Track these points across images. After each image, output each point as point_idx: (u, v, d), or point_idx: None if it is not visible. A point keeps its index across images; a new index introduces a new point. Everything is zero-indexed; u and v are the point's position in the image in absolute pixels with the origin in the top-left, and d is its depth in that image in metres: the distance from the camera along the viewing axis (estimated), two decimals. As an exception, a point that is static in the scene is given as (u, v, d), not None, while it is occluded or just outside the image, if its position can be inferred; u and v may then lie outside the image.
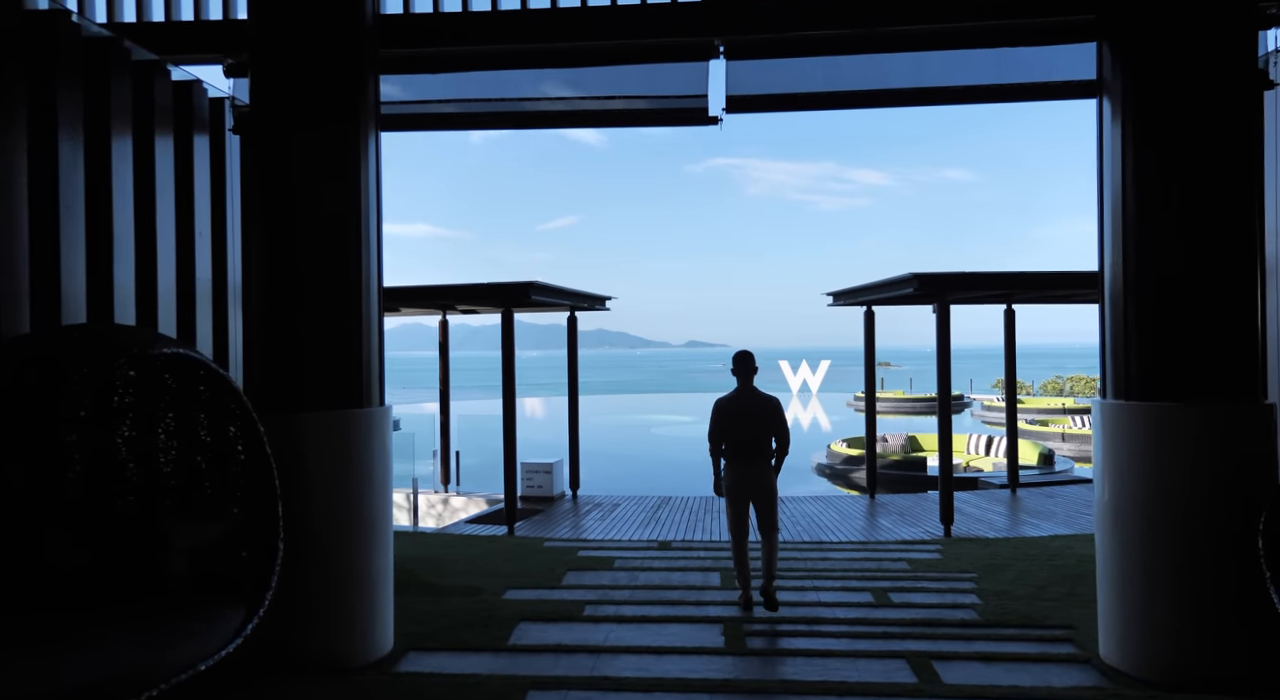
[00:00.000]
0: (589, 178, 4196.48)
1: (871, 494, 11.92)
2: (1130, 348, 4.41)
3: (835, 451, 16.74)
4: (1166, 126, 4.29)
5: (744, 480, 6.03)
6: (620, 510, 11.21)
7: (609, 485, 16.08)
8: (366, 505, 4.81)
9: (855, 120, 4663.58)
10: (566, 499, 12.15)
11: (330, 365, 4.76)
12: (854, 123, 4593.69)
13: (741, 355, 6.19)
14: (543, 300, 9.71)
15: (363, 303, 4.84)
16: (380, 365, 5.07)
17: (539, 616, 5.88)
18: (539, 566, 7.76)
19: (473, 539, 9.44)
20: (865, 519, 10.41)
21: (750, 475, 6.01)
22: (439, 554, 8.50)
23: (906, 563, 7.78)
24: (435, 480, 12.71)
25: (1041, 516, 10.22)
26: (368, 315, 4.89)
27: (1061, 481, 12.86)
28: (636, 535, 9.54)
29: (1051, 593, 6.44)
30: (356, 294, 4.81)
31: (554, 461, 12.03)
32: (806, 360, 51.43)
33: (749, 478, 6.02)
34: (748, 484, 6.03)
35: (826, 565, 7.69)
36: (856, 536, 9.29)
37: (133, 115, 5.01)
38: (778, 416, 6.02)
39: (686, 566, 7.76)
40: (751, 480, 6.01)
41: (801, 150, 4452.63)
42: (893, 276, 9.27)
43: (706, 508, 11.17)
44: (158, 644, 3.47)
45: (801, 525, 9.95)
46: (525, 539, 9.38)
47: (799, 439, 25.19)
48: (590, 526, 10.19)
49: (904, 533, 9.43)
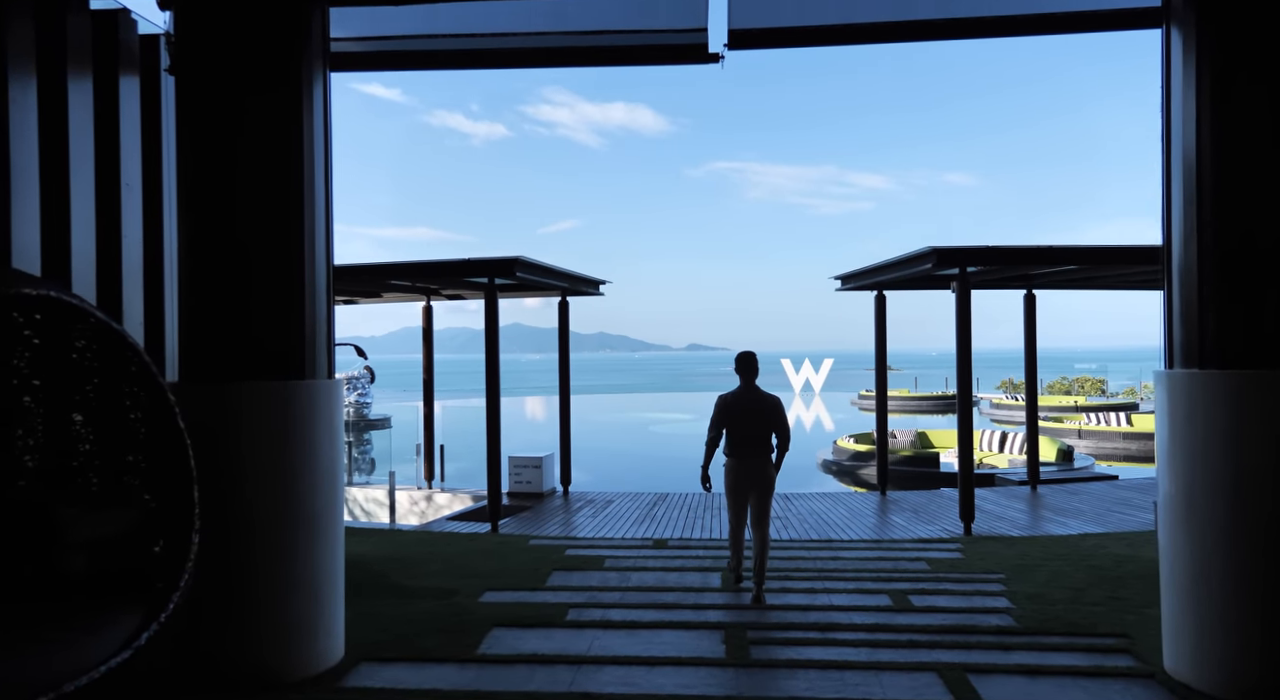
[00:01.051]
0: (588, 180, 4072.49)
1: (882, 490, 11.27)
2: (1213, 306, 3.75)
3: (842, 447, 16.08)
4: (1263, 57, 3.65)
5: (745, 475, 6.19)
6: (614, 507, 10.56)
7: (603, 481, 15.45)
8: (309, 492, 4.16)
9: (856, 121, 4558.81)
10: (557, 495, 11.50)
11: (269, 326, 4.12)
12: (855, 123, 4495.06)
13: (744, 355, 6.42)
14: (529, 279, 9.05)
15: (306, 255, 4.19)
16: (329, 333, 4.43)
17: (516, 621, 5.24)
18: (522, 566, 7.11)
19: (453, 537, 8.79)
20: (877, 516, 9.76)
21: (752, 470, 6.19)
22: (414, 553, 7.86)
23: (925, 563, 7.14)
24: (419, 476, 12.07)
25: (1067, 514, 9.56)
26: (313, 271, 4.25)
27: (1083, 478, 12.19)
28: (630, 533, 8.89)
29: (1092, 596, 5.79)
30: (299, 245, 4.17)
31: (544, 456, 11.38)
32: (809, 360, 50.82)
33: (750, 473, 6.18)
34: (749, 479, 6.19)
35: (838, 566, 7.04)
36: (869, 535, 8.63)
37: (37, 51, 4.37)
38: (779, 415, 6.22)
39: (684, 566, 7.12)
40: (753, 475, 6.18)
41: (801, 154, 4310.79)
42: (908, 252, 8.62)
43: (705, 504, 10.52)
44: (26, 657, 2.82)
45: (809, 523, 9.29)
46: (509, 537, 8.73)
47: (803, 439, 24.49)
48: (581, 524, 9.54)
49: (920, 531, 8.77)
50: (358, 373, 28.31)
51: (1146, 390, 35.83)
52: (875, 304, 11.21)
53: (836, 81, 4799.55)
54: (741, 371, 6.37)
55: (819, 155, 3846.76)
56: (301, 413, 4.18)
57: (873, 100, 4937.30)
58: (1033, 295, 11.37)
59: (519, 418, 34.30)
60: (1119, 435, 18.31)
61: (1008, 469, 13.66)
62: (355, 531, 9.32)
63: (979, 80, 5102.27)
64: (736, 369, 6.42)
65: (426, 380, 12.50)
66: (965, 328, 8.50)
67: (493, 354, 8.96)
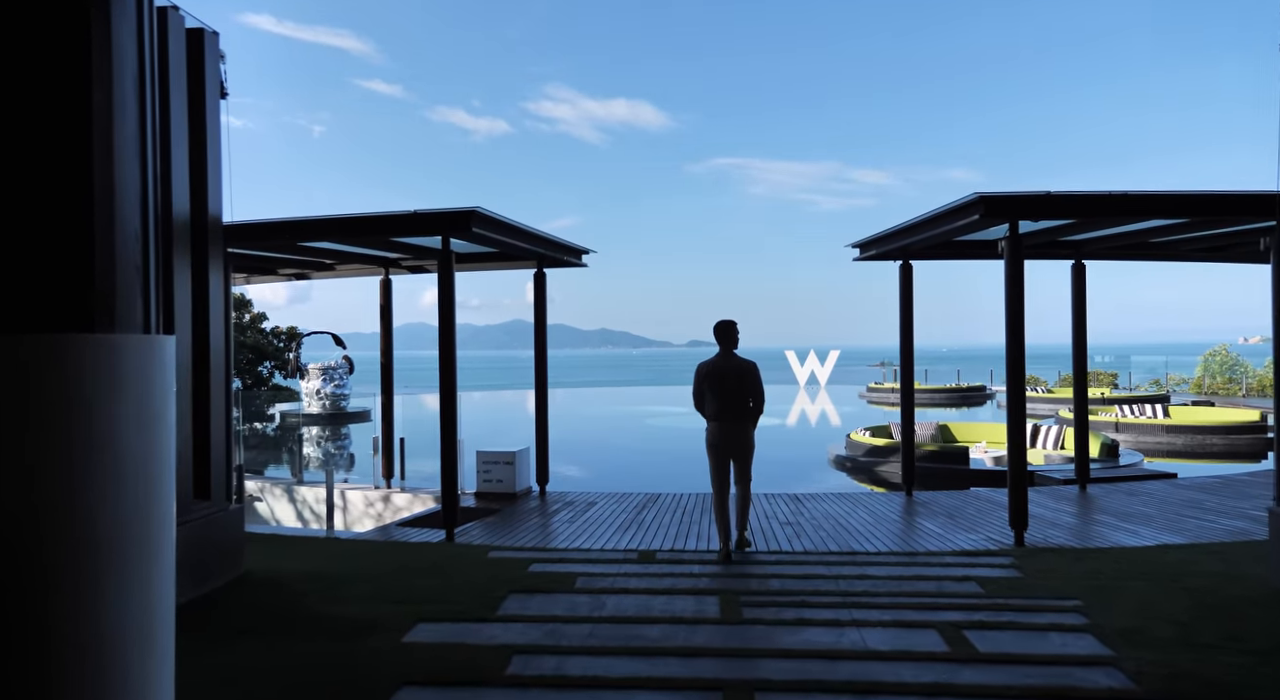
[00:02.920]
0: (589, 177, 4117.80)
1: (908, 490, 9.90)
2: None
3: (856, 441, 14.67)
4: None
5: (723, 438, 6.66)
6: (596, 510, 9.19)
7: (589, 478, 14.06)
8: (99, 500, 2.77)
9: (857, 120, 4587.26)
10: (533, 496, 10.14)
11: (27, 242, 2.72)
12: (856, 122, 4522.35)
13: (722, 323, 6.79)
14: (492, 237, 7.63)
15: (98, 180, 2.79)
16: (146, 277, 3.04)
17: (437, 676, 3.88)
18: (473, 587, 5.76)
19: (398, 547, 7.43)
20: (905, 522, 8.39)
21: (730, 432, 6.64)
22: (345, 568, 6.51)
23: (976, 583, 5.78)
24: (375, 474, 10.71)
25: (1133, 519, 8.19)
26: (113, 196, 2.85)
27: (1136, 476, 10.79)
28: (612, 543, 7.53)
29: (1205, 634, 4.44)
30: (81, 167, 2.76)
31: (517, 451, 10.02)
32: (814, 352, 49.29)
33: (727, 436, 6.65)
34: (727, 440, 6.66)
35: (867, 587, 5.68)
36: (899, 545, 7.27)
37: None
38: (754, 379, 6.66)
39: (674, 587, 5.77)
40: (731, 437, 6.64)
41: (803, 150, 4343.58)
42: (946, 205, 7.21)
43: (703, 507, 9.16)
44: None
45: (826, 530, 7.93)
46: (466, 548, 7.37)
47: (812, 433, 23.09)
48: (556, 530, 8.17)
49: (960, 540, 7.40)
50: (335, 363, 26.95)
51: (1173, 382, 34.40)
52: (900, 276, 9.82)
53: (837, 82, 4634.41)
54: (720, 339, 6.78)
55: (821, 151, 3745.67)
56: (88, 381, 2.79)
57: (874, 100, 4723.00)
58: (1082, 266, 9.98)
59: (517, 410, 32.94)
60: (1160, 428, 16.86)
61: (1047, 465, 12.27)
62: (284, 540, 7.97)
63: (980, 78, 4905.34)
64: (715, 336, 6.81)
65: (385, 365, 11.13)
66: (1017, 300, 7.09)
67: (447, 333, 7.58)
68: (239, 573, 6.26)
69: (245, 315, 33.65)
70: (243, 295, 34.71)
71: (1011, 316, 7.11)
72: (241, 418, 15.99)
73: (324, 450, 21.08)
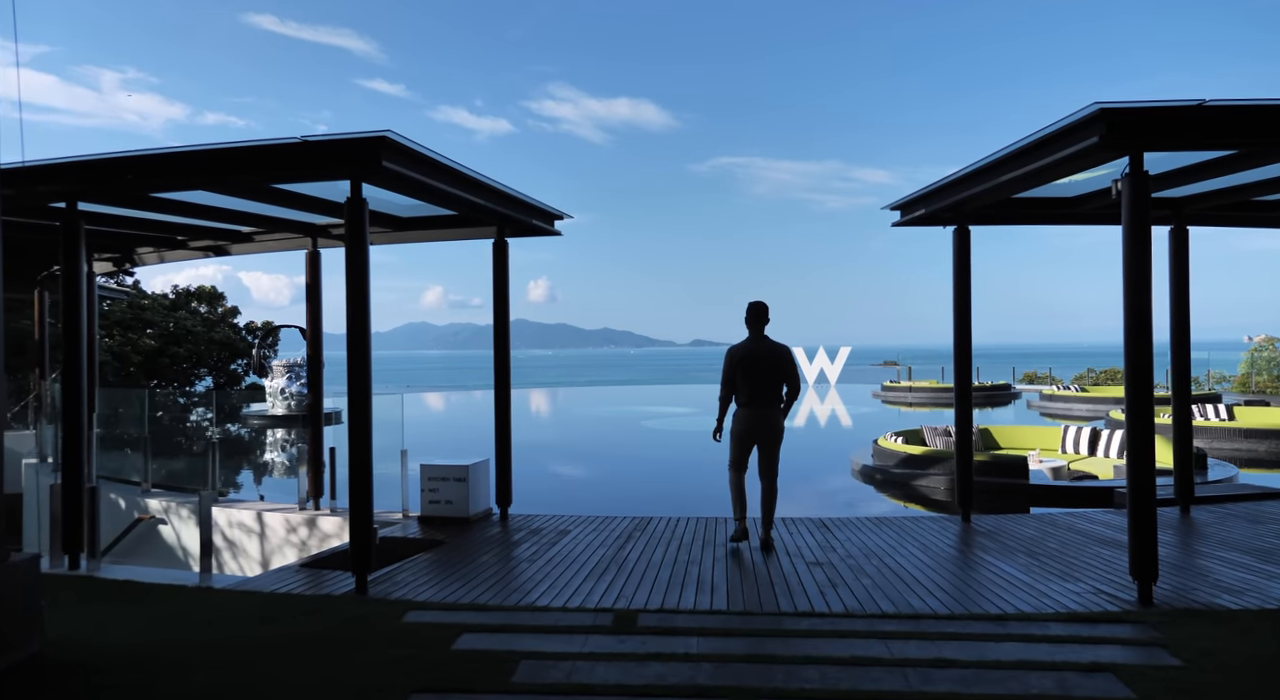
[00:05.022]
0: (592, 177, 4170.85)
1: (965, 514, 7.98)
2: None
3: (886, 449, 12.68)
4: None
5: (755, 424, 6.55)
6: (568, 542, 7.29)
7: (563, 497, 12.06)
8: None
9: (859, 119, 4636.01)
10: (492, 521, 8.23)
11: None
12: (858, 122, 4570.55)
13: (755, 305, 6.67)
14: (413, 178, 5.65)
15: None
16: None
17: None
18: (358, 682, 3.88)
19: (286, 603, 5.52)
20: (971, 561, 6.48)
21: (762, 419, 6.54)
22: (192, 642, 4.62)
23: (1114, 676, 3.88)
24: (300, 492, 8.81)
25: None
26: None
27: (1244, 495, 8.80)
28: (583, 592, 5.63)
29: None
30: None
31: (471, 464, 8.09)
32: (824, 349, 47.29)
33: (760, 422, 6.54)
34: (758, 428, 6.55)
35: (952, 686, 3.78)
36: (973, 599, 5.36)
37: None
38: (789, 363, 6.62)
39: (661, 681, 3.90)
40: (762, 424, 6.54)
41: (805, 149, 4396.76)
42: (1038, 131, 5.24)
43: (704, 536, 7.25)
44: None
45: (869, 575, 6.02)
46: (379, 603, 5.46)
47: (827, 438, 21.17)
48: (511, 574, 6.27)
49: (1059, 593, 5.49)
50: (301, 359, 25.02)
51: (1211, 379, 32.37)
52: (955, 244, 7.89)
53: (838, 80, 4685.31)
54: (751, 322, 6.66)
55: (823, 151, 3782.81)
56: None
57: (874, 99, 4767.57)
58: (1184, 231, 8.04)
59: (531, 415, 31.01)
60: (1237, 432, 14.86)
61: (1118, 480, 10.31)
62: (139, 590, 6.06)
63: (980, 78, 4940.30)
64: (746, 320, 6.68)
65: (312, 358, 9.22)
66: (1141, 266, 5.15)
67: (357, 314, 5.65)
68: (29, 652, 4.35)
69: (218, 308, 31.85)
70: (215, 288, 32.93)
71: (1135, 290, 5.17)
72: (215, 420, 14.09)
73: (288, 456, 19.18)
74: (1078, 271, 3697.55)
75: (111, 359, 24.44)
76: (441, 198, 6.43)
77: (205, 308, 32.04)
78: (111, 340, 25.45)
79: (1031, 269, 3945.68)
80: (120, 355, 25.18)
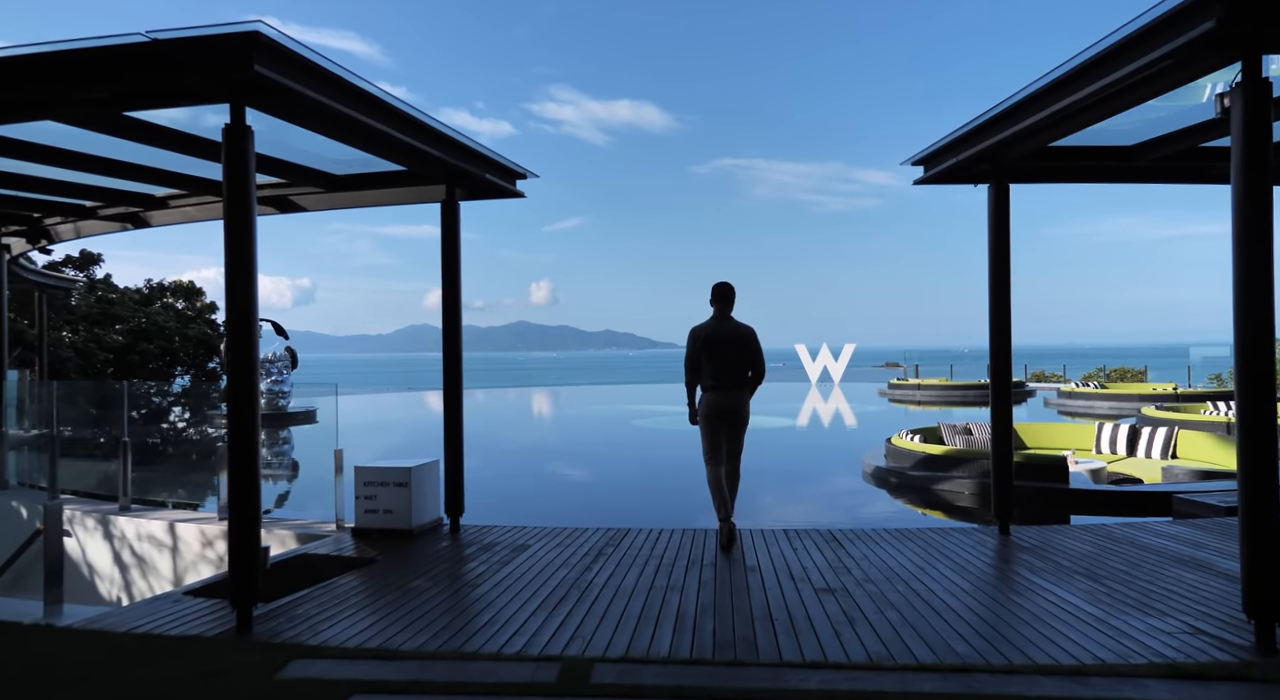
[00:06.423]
0: (593, 179, 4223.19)
1: (1003, 526, 6.75)
2: None
3: (901, 449, 11.41)
4: None
5: (720, 408, 6.36)
6: (524, 560, 6.07)
7: (532, 506, 10.77)
8: None
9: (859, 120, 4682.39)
10: (441, 534, 7.01)
11: None
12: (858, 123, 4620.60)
13: (720, 284, 6.50)
14: (306, 98, 4.40)
15: None
16: None
17: None
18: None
19: (140, 647, 4.29)
20: (1013, 582, 5.25)
21: (727, 403, 6.35)
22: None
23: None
24: (220, 499, 7.61)
25: None
26: None
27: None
28: (530, 630, 4.41)
29: None
30: None
31: (414, 466, 6.87)
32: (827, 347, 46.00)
33: (726, 406, 6.35)
34: (723, 412, 6.36)
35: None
36: (1024, 637, 4.13)
37: None
38: (754, 345, 6.44)
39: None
40: (729, 406, 6.36)
41: (807, 151, 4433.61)
42: (1141, 20, 4.02)
43: (688, 554, 6.03)
44: None
45: (895, 606, 4.79)
46: (258, 648, 4.23)
47: (834, 437, 19.92)
48: (442, 604, 5.04)
49: (1142, 633, 4.26)
50: (274, 355, 23.85)
51: (1215, 381, 30.96)
52: (992, 204, 6.67)
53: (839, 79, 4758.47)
54: (717, 301, 6.51)
55: (825, 152, 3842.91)
56: None
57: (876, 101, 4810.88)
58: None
59: (513, 413, 29.78)
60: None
61: (1182, 485, 9.07)
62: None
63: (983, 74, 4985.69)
64: (711, 300, 6.54)
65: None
66: (1262, 197, 3.95)
67: (241, 281, 4.45)
68: None
69: (196, 304, 30.64)
70: (193, 283, 31.73)
71: (1248, 253, 3.95)
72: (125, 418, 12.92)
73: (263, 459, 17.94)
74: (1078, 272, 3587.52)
75: (75, 355, 23.27)
76: (360, 134, 5.20)
77: (183, 303, 30.82)
78: (76, 336, 24.27)
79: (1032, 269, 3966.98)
80: (84, 352, 23.99)
